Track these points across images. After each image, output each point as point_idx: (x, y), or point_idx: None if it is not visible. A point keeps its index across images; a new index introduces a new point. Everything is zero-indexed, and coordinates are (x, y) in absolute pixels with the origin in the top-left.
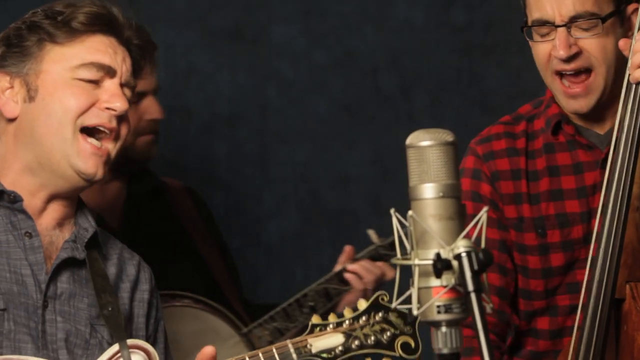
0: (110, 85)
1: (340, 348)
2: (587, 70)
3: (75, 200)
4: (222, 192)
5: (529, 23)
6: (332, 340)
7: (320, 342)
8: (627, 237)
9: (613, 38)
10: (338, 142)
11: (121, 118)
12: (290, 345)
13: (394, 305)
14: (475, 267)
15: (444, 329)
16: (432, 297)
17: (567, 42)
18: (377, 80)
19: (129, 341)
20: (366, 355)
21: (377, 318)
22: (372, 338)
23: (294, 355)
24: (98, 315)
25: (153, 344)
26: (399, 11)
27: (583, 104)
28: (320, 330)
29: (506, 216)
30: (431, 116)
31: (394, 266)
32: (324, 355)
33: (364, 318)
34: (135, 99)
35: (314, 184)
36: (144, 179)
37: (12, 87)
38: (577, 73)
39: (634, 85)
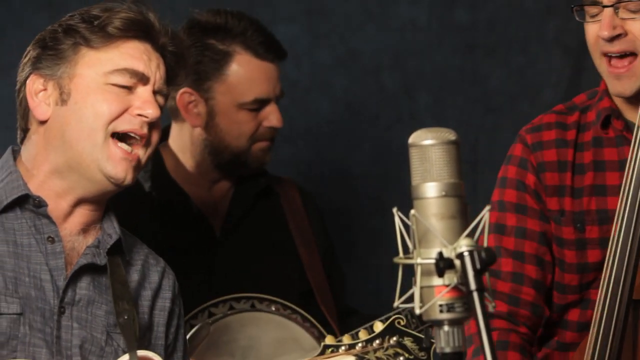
0: (143, 92)
1: None
2: (633, 54)
3: (103, 205)
4: None
5: (582, 2)
6: None
7: None
8: None
9: None
10: (341, 140)
11: (152, 125)
12: None
13: (396, 304)
14: (478, 266)
15: (446, 328)
16: (434, 296)
17: (612, 22)
18: (380, 79)
19: (140, 353)
20: None
21: (391, 342)
22: None
23: None
24: (115, 324)
25: (172, 353)
26: (402, 10)
27: (626, 86)
28: (332, 351)
29: (548, 208)
30: (434, 115)
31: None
32: None
33: (377, 341)
34: (256, 105)
35: (317, 183)
36: (257, 179)
37: (45, 89)
38: (623, 56)
39: None
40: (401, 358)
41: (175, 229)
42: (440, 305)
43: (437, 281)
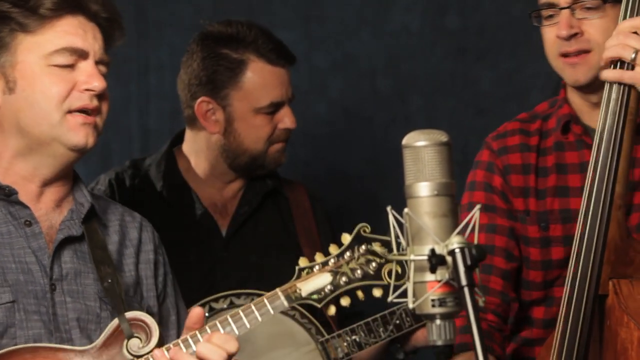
0: (86, 67)
1: (329, 287)
2: (587, 51)
3: (70, 177)
4: None
5: (537, 7)
6: (320, 280)
7: (308, 285)
8: (610, 235)
9: (613, 22)
10: (337, 142)
11: (101, 95)
12: (280, 293)
13: (390, 298)
14: (469, 262)
15: (438, 321)
16: (427, 291)
17: (569, 22)
18: (375, 83)
19: (128, 314)
20: (356, 288)
21: (361, 251)
22: (359, 271)
23: (285, 302)
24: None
25: (164, 300)
26: (395, 16)
27: (580, 74)
28: (307, 273)
29: (515, 207)
30: (426, 117)
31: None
32: (315, 296)
33: (348, 253)
34: (271, 109)
35: (314, 182)
36: (265, 181)
37: None
38: (578, 53)
39: (614, 87)
40: (373, 264)
41: (182, 226)
42: (433, 300)
43: (429, 277)
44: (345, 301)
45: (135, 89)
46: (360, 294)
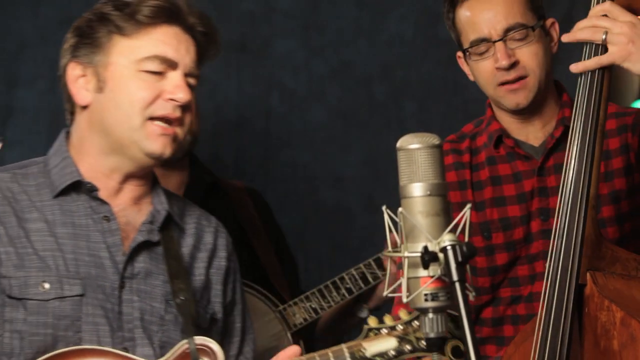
0: (174, 77)
1: (392, 352)
2: (524, 77)
3: (149, 179)
4: None
5: (468, 45)
6: (386, 344)
7: (374, 346)
8: (586, 232)
9: (542, 46)
10: (335, 145)
11: (185, 107)
12: (345, 349)
13: (385, 293)
14: (460, 259)
15: (430, 315)
16: (420, 286)
17: (507, 52)
18: (371, 89)
19: (197, 339)
20: (418, 358)
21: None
22: (424, 342)
23: (348, 358)
24: (172, 291)
25: (232, 308)
26: (390, 26)
27: (521, 97)
28: (375, 334)
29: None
30: (419, 122)
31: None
32: (378, 358)
33: (416, 322)
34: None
35: (313, 183)
36: (203, 177)
37: (84, 75)
38: (516, 79)
39: (586, 91)
40: None
41: None
42: (425, 295)
43: (422, 273)
44: None
45: None
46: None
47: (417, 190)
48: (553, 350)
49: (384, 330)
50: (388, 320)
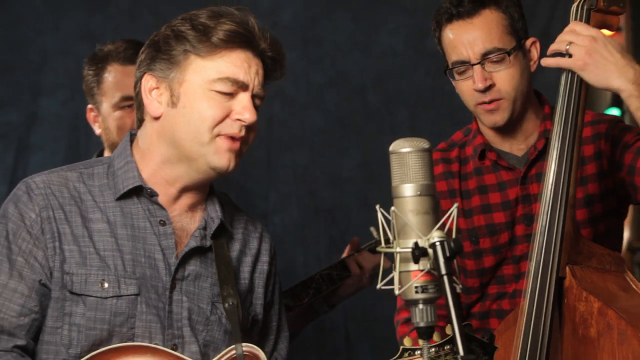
0: (243, 98)
1: None
2: (499, 99)
3: (207, 188)
4: (234, 191)
5: (450, 66)
6: None
7: None
8: (566, 228)
9: (519, 68)
10: (332, 149)
11: (250, 127)
12: None
13: (378, 286)
14: (448, 254)
15: (420, 306)
16: (411, 279)
17: (483, 75)
18: (365, 97)
19: (245, 346)
20: None
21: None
22: None
23: None
24: (219, 294)
25: (270, 308)
26: (383, 39)
27: (498, 117)
28: (409, 355)
29: (447, 226)
30: (410, 127)
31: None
32: None
33: (448, 346)
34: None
35: (312, 184)
36: None
37: (158, 88)
38: (491, 101)
39: (565, 102)
40: None
41: None
42: (416, 287)
43: (413, 267)
44: None
45: None
46: None
47: (408, 191)
48: (535, 337)
49: (418, 352)
50: (422, 342)
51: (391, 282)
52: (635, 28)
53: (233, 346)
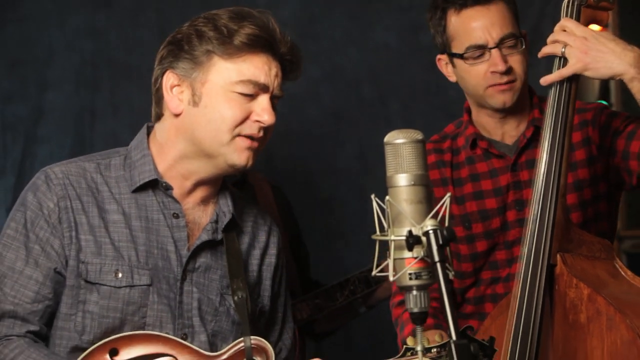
0: (263, 100)
1: None
2: (513, 81)
3: (219, 182)
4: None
5: (462, 51)
6: None
7: None
8: (557, 217)
9: (526, 55)
10: (328, 141)
11: (267, 128)
12: None
13: (373, 273)
14: (441, 241)
15: (414, 292)
16: (405, 266)
17: (503, 59)
18: (360, 91)
19: (253, 339)
20: None
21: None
22: None
23: None
24: (228, 285)
25: (276, 298)
26: (377, 35)
27: (508, 97)
28: (412, 354)
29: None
30: (404, 120)
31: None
32: None
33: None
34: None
35: (310, 175)
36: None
37: (179, 85)
38: (507, 82)
39: (556, 94)
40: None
41: None
42: (410, 274)
43: (407, 254)
44: None
45: None
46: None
47: (402, 180)
48: (527, 323)
49: (419, 351)
50: (425, 342)
51: (386, 269)
52: (622, 25)
53: (242, 338)
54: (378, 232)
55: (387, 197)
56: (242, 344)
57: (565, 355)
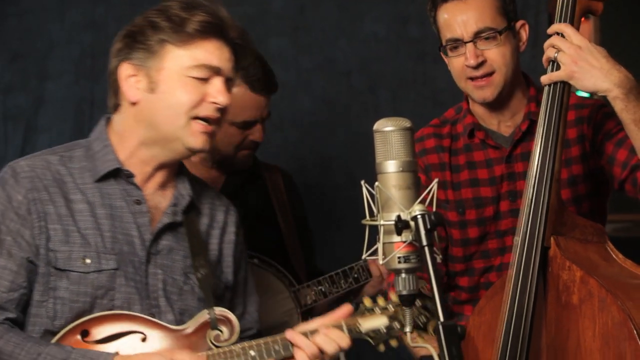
0: (217, 82)
1: (384, 329)
2: (491, 73)
3: (177, 166)
4: None
5: (444, 43)
6: (378, 321)
7: (368, 323)
8: (551, 202)
9: (509, 47)
10: (320, 129)
11: (223, 109)
12: (343, 324)
13: (363, 256)
14: (428, 226)
15: (403, 275)
16: (394, 250)
17: (475, 53)
18: (351, 81)
19: (217, 310)
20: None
21: (417, 304)
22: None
23: (346, 332)
24: (190, 265)
25: (237, 271)
26: (366, 26)
27: (488, 93)
28: (369, 312)
29: (437, 197)
30: (393, 109)
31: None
32: (371, 334)
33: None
34: (243, 125)
35: (302, 162)
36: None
37: (135, 75)
38: (483, 76)
39: (551, 88)
40: (423, 317)
41: None
42: (399, 258)
43: (396, 238)
44: (394, 343)
45: None
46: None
47: (391, 167)
48: (521, 303)
49: (378, 310)
50: (381, 301)
51: (376, 252)
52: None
53: (206, 310)
54: (368, 217)
55: (377, 183)
56: (207, 316)
57: (558, 336)
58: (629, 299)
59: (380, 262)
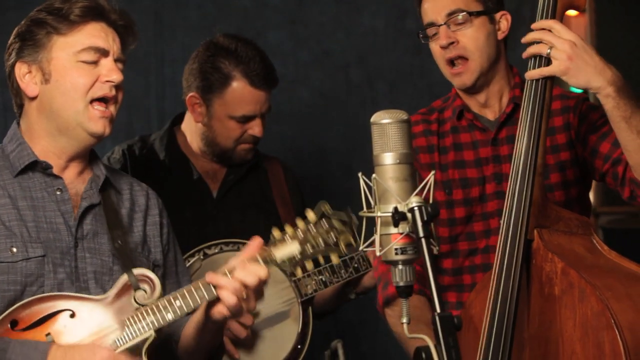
0: (107, 63)
1: (298, 255)
2: (465, 58)
3: (88, 154)
4: None
5: (424, 29)
6: (291, 248)
7: (280, 252)
8: (534, 194)
9: (484, 32)
10: (318, 121)
11: (118, 87)
12: (258, 257)
13: (361, 248)
14: (425, 218)
15: (400, 266)
16: (391, 241)
17: (447, 34)
18: (348, 73)
19: (135, 270)
20: (318, 255)
21: (324, 225)
22: (322, 242)
23: (262, 263)
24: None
25: (168, 252)
26: (364, 20)
27: (465, 79)
28: (280, 242)
29: (424, 178)
30: (390, 101)
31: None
32: (287, 261)
33: (313, 228)
34: (243, 119)
35: (300, 154)
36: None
37: (30, 72)
38: (458, 58)
39: (534, 81)
40: (333, 235)
41: (181, 189)
42: (396, 249)
43: (393, 230)
44: (309, 265)
45: (154, 79)
46: (321, 259)
47: (388, 159)
48: (505, 295)
49: (288, 238)
50: (289, 229)
51: (373, 243)
52: (598, 10)
53: (125, 274)
54: (365, 209)
55: (374, 175)
56: (126, 279)
57: (541, 327)
58: (608, 290)
59: (378, 253)
